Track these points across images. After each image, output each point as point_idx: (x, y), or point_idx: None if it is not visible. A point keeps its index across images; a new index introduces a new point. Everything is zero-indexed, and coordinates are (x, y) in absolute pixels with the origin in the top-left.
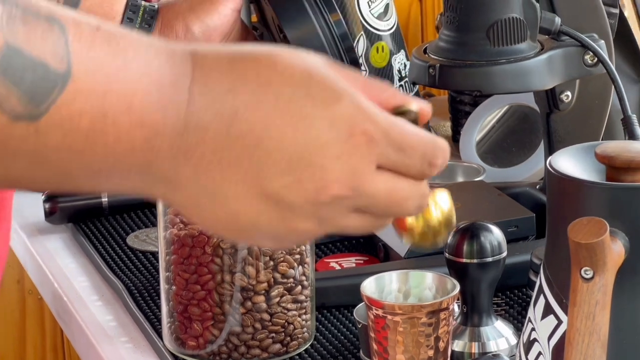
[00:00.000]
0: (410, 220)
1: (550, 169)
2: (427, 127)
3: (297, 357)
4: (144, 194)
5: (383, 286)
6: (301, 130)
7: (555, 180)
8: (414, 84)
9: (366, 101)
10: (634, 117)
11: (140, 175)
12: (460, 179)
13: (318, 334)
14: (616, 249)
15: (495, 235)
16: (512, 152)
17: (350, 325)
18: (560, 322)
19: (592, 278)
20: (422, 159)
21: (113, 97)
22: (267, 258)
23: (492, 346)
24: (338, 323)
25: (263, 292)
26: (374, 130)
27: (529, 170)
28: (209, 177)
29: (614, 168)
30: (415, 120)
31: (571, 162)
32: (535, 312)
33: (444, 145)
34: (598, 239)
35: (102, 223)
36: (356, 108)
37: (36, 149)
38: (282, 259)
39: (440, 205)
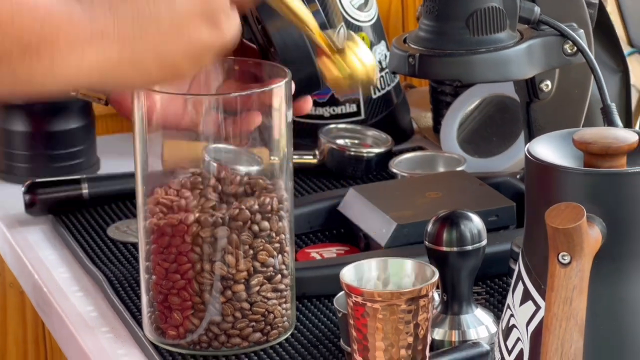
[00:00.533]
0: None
1: (529, 155)
2: (409, 119)
3: (278, 346)
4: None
5: (362, 274)
6: None
7: (534, 167)
8: (394, 73)
9: None
10: (613, 106)
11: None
12: (441, 169)
13: (298, 324)
14: (593, 235)
15: (475, 223)
16: (493, 142)
17: (331, 314)
18: (538, 307)
19: (569, 263)
20: None
21: None
22: (247, 247)
23: (472, 334)
24: (318, 312)
25: (243, 281)
26: None
27: (509, 160)
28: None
29: (591, 154)
30: None
31: (549, 149)
32: (513, 298)
33: None
34: (575, 224)
35: (83, 214)
36: None
37: None
38: (261, 247)
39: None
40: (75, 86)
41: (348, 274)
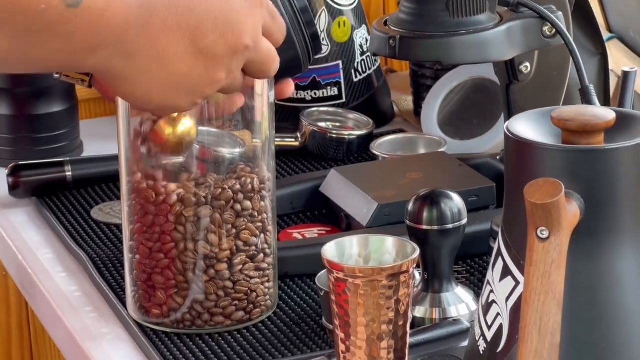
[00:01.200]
0: (167, 132)
1: (508, 132)
2: (390, 103)
3: (261, 324)
4: (103, 69)
5: (343, 250)
6: None
7: (513, 144)
8: (374, 55)
9: None
10: (592, 87)
11: (108, 50)
12: (421, 151)
13: (281, 302)
14: (571, 210)
15: (455, 202)
16: (473, 125)
17: (313, 293)
18: (517, 283)
19: (547, 238)
20: (280, 30)
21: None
22: (230, 226)
23: (453, 312)
24: (301, 292)
25: (226, 259)
26: None
27: (489, 142)
28: (158, 44)
29: (569, 131)
30: None
31: (528, 127)
32: (493, 274)
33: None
34: (553, 200)
35: (66, 197)
36: None
37: (70, 31)
38: (244, 227)
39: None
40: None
41: (329, 250)
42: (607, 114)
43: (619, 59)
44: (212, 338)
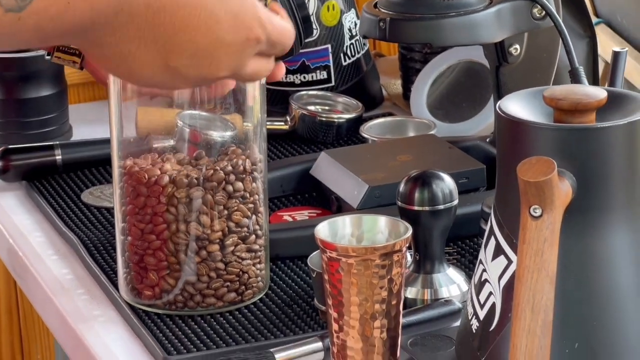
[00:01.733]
0: None
1: (500, 112)
2: (378, 87)
3: (252, 306)
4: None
5: (336, 230)
6: (212, 31)
7: (505, 123)
8: (364, 37)
9: (260, 7)
10: (581, 69)
11: (77, 39)
12: (411, 134)
13: (272, 284)
14: (564, 188)
15: (446, 183)
16: (462, 108)
17: (304, 275)
18: (510, 262)
19: (540, 216)
20: (283, 49)
21: None
22: (221, 207)
23: (444, 292)
24: (292, 273)
25: (217, 241)
26: (262, 34)
27: (479, 125)
28: (127, 47)
29: (561, 110)
30: (266, 4)
31: (520, 106)
32: (486, 253)
33: (293, 34)
34: (546, 178)
35: (56, 180)
36: (255, 18)
37: (14, 32)
38: (235, 208)
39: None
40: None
41: (322, 230)
42: (599, 93)
43: (606, 43)
44: (204, 319)
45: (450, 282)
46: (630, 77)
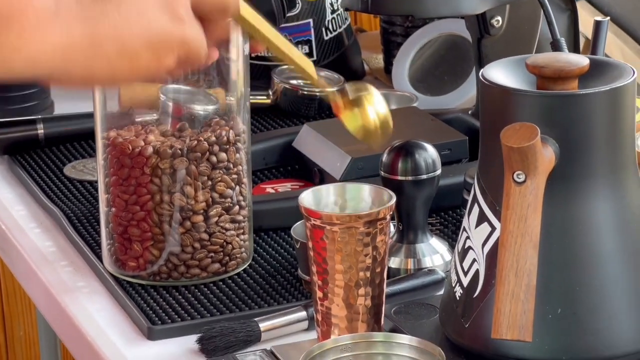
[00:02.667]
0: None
1: (483, 79)
2: (360, 61)
3: (236, 276)
4: None
5: (320, 199)
6: None
7: (488, 90)
8: (346, 10)
9: None
10: (563, 41)
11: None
12: (393, 107)
13: (256, 255)
14: (547, 154)
15: (429, 153)
16: (444, 81)
17: (288, 246)
18: (493, 228)
19: (524, 182)
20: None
21: None
22: (205, 178)
23: (428, 262)
24: (275, 244)
25: (201, 211)
26: None
27: (460, 98)
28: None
29: (544, 78)
30: None
31: (503, 74)
32: (469, 221)
33: None
34: (530, 143)
35: (39, 154)
36: None
37: None
38: (219, 178)
39: (376, 107)
40: (38, 68)
41: (306, 198)
42: (581, 60)
43: (585, 19)
44: (188, 290)
45: (434, 252)
46: (610, 52)
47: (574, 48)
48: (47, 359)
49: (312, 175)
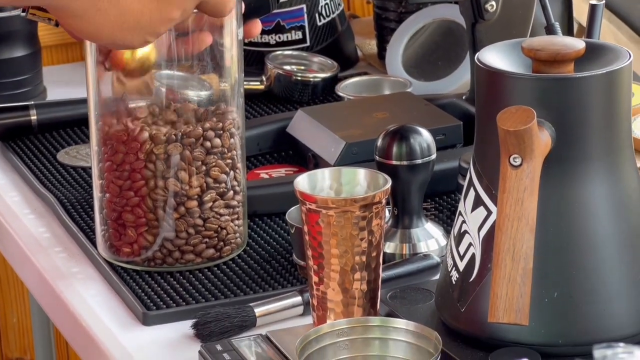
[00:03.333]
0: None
1: (479, 63)
2: (353, 47)
3: (231, 262)
4: (51, 5)
5: (315, 183)
6: None
7: (484, 74)
8: None
9: None
10: (557, 25)
11: None
12: (387, 93)
13: (251, 241)
14: (543, 138)
15: (424, 137)
16: (438, 66)
17: (282, 231)
18: (489, 212)
19: (520, 165)
20: None
21: None
22: (199, 163)
23: (423, 247)
24: (270, 230)
25: (196, 197)
26: None
27: (454, 83)
28: None
29: (540, 61)
30: None
31: (498, 57)
32: (465, 205)
33: None
34: (526, 126)
35: (32, 141)
36: None
37: None
38: (214, 164)
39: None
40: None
41: (302, 182)
42: (577, 44)
43: (579, 5)
44: (182, 276)
45: (429, 237)
46: (603, 37)
47: (568, 33)
48: (41, 346)
49: (307, 160)
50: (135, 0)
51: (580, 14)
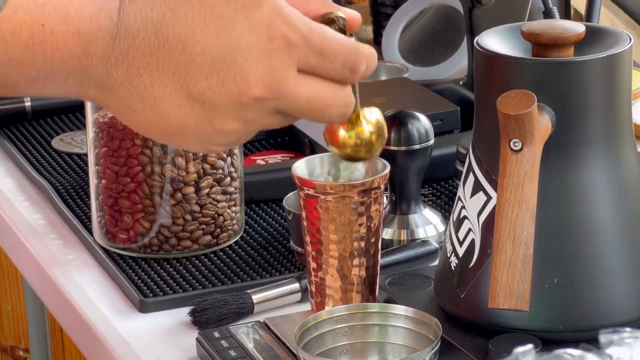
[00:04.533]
0: (342, 135)
1: (478, 47)
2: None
3: (228, 249)
4: (80, 98)
5: (313, 168)
6: (222, 35)
7: (483, 58)
8: None
9: (288, 7)
10: (555, 10)
11: (76, 80)
12: (383, 78)
13: (247, 227)
14: (543, 122)
15: (422, 123)
16: (435, 51)
17: (279, 218)
18: (489, 198)
19: (520, 149)
20: (344, 64)
21: (51, 8)
22: None
23: (421, 233)
24: (267, 216)
25: (193, 183)
26: (293, 34)
27: (451, 69)
28: (140, 81)
29: (540, 45)
30: (343, 28)
31: (498, 42)
32: (464, 190)
33: (368, 51)
34: (526, 111)
35: (26, 127)
36: (276, 13)
37: None
38: None
39: (371, 119)
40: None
41: (300, 168)
42: (577, 27)
43: None
44: (179, 262)
45: (427, 223)
46: (600, 22)
47: (566, 18)
48: (35, 334)
49: (303, 146)
50: (173, 105)
51: (577, 2)
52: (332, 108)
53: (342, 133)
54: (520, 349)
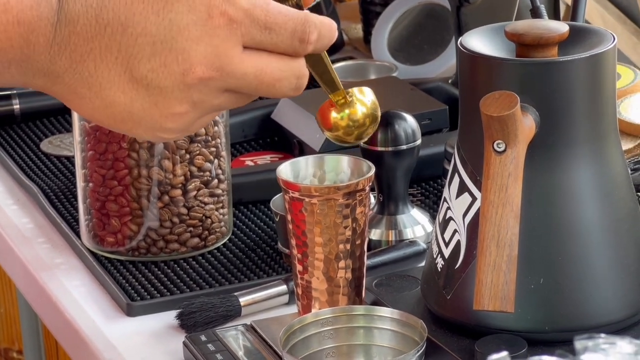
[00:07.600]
0: (334, 116)
1: (462, 47)
2: (339, 31)
3: (216, 251)
4: (27, 87)
5: (299, 171)
6: (162, 15)
7: (467, 59)
8: None
9: None
10: (543, 8)
11: (19, 70)
12: (372, 77)
13: (235, 229)
14: (527, 123)
15: (409, 123)
16: (423, 50)
17: (267, 219)
18: (474, 199)
19: (504, 151)
20: (292, 35)
21: None
22: (183, 151)
23: (409, 233)
24: (255, 218)
25: (180, 185)
26: (233, 11)
27: (440, 67)
28: (84, 67)
29: (523, 45)
30: (299, 2)
31: (482, 42)
32: (450, 191)
33: (318, 20)
34: (509, 112)
35: (15, 130)
36: None
37: None
38: (198, 152)
39: (364, 100)
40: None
41: (285, 170)
42: (561, 27)
43: None
44: (167, 265)
45: (415, 223)
46: (590, 18)
47: (554, 15)
48: (28, 336)
49: (292, 147)
50: (118, 90)
51: None
52: (282, 81)
53: (333, 114)
54: (494, 356)
